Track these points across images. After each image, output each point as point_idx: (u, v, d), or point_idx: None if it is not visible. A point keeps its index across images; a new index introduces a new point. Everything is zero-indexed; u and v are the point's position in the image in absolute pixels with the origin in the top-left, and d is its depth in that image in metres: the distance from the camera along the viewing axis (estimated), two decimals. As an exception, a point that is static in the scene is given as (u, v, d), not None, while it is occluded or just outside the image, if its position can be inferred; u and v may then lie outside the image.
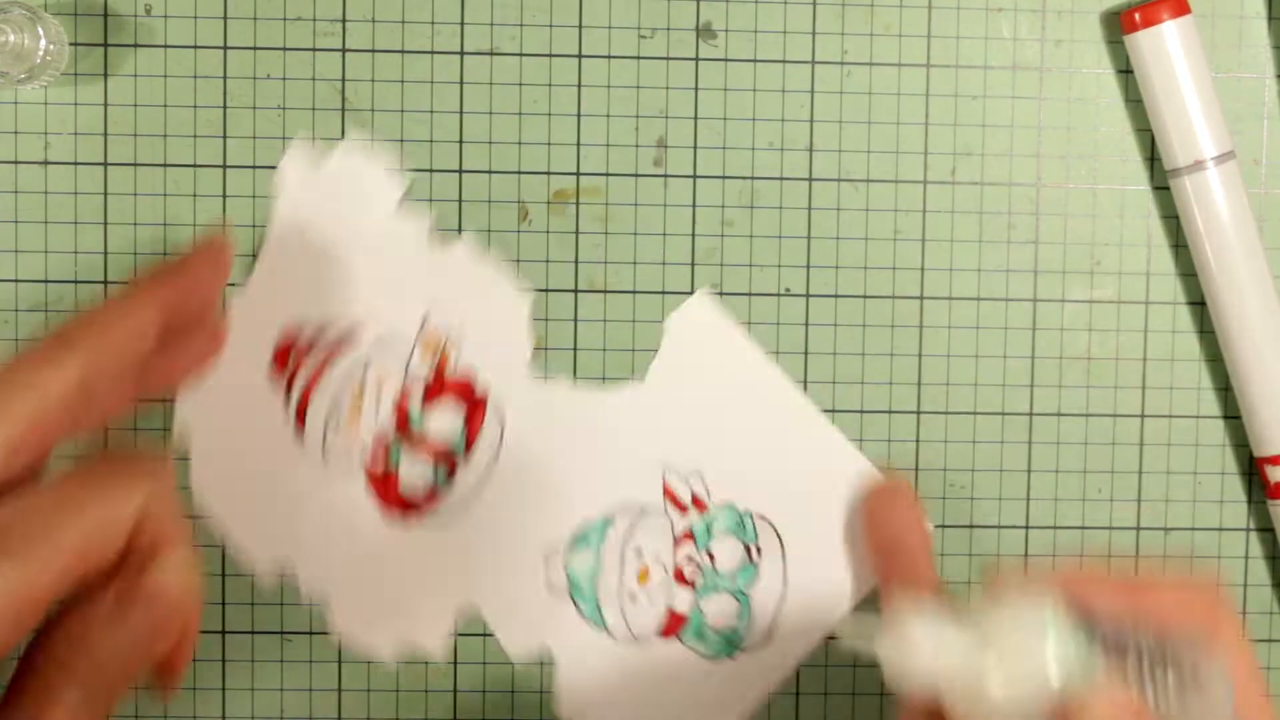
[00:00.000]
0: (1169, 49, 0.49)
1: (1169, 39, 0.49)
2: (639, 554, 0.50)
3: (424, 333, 0.50)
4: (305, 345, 0.49)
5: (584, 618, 0.51)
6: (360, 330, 0.50)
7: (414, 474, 0.50)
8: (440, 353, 0.50)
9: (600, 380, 0.51)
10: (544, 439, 0.50)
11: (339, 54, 0.50)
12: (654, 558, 0.51)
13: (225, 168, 0.50)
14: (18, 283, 0.50)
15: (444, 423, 0.50)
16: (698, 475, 0.51)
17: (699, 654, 0.51)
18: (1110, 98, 0.51)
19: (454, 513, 0.50)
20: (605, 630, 0.51)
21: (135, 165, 0.50)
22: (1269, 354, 0.50)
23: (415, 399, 0.50)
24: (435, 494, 0.50)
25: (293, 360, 0.49)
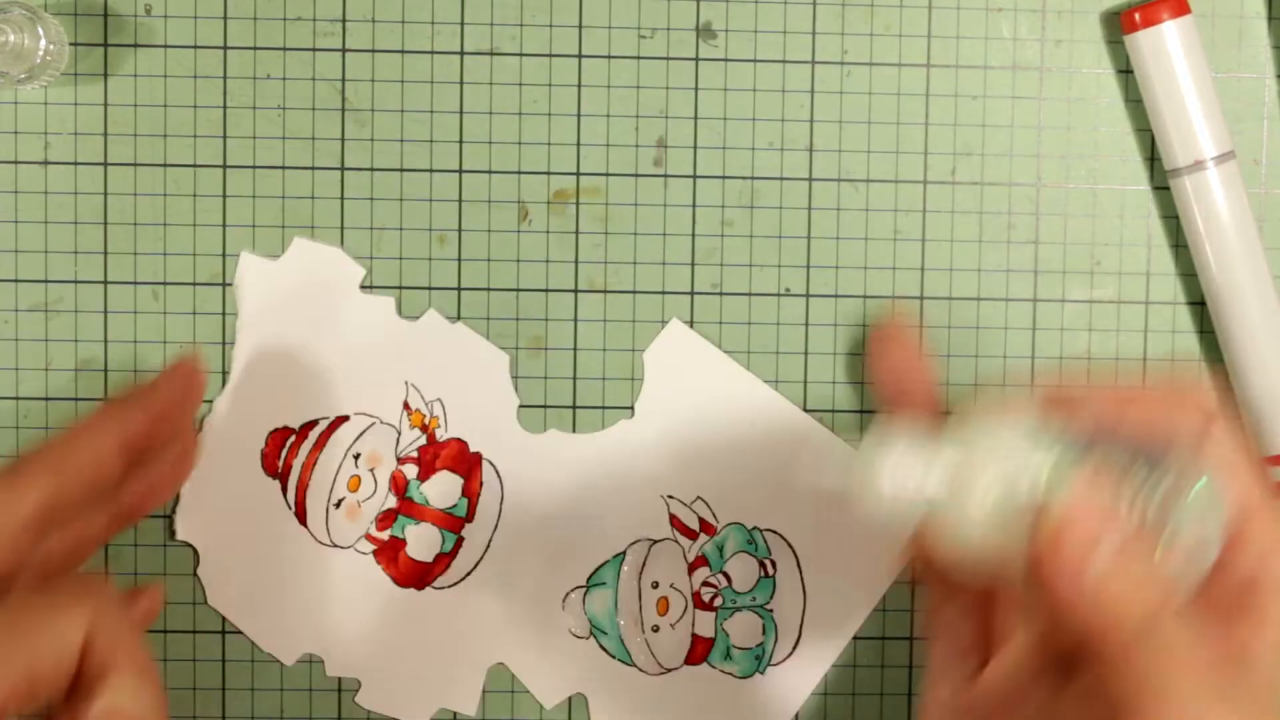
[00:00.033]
0: (1169, 49, 0.49)
1: (1169, 39, 0.49)
2: (655, 586, 0.51)
3: (408, 410, 0.50)
4: (294, 443, 0.50)
5: (611, 656, 0.51)
6: (345, 421, 0.50)
7: (421, 543, 0.50)
8: (427, 426, 0.50)
9: (600, 378, 0.51)
10: (544, 490, 0.51)
11: (339, 54, 0.50)
12: (670, 587, 0.51)
13: (225, 168, 0.50)
14: (18, 283, 0.50)
15: (443, 491, 0.50)
16: (701, 500, 0.51)
17: (729, 675, 0.51)
18: (1110, 98, 0.51)
19: (466, 575, 0.51)
20: (633, 665, 0.51)
21: (135, 165, 0.50)
22: (1269, 354, 0.50)
23: (411, 475, 0.50)
24: (445, 559, 0.50)
25: (283, 458, 0.50)
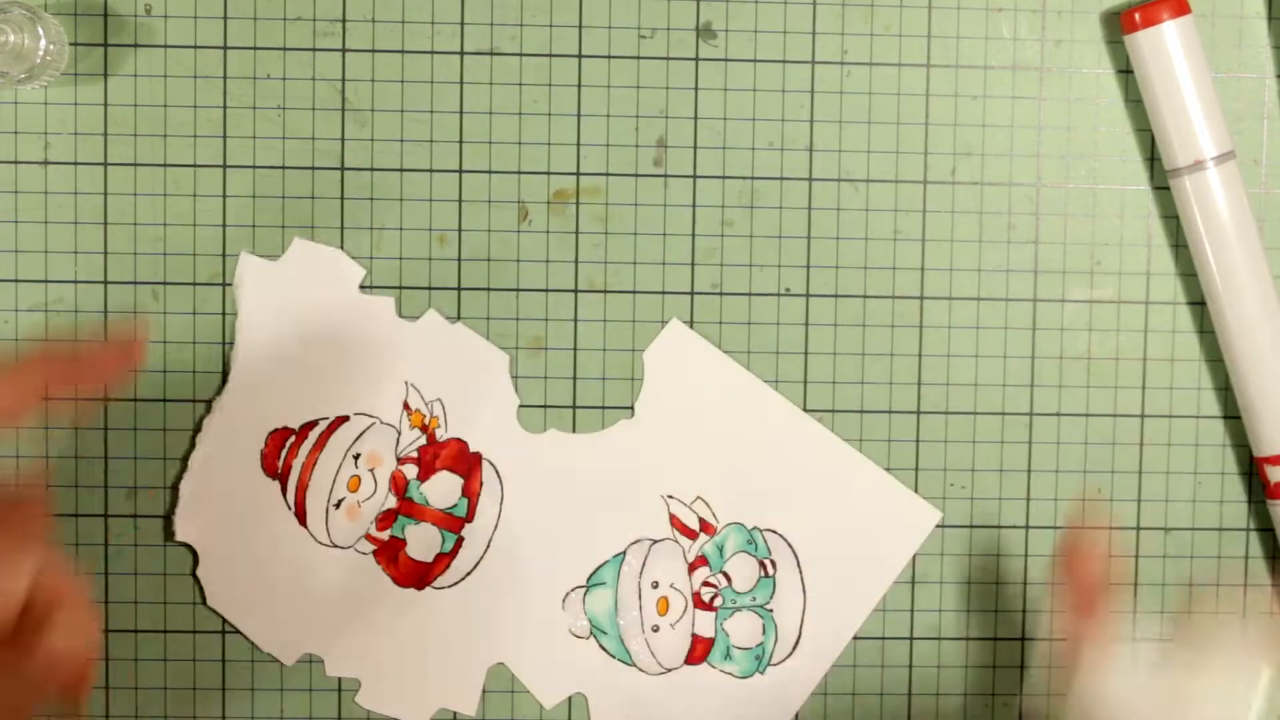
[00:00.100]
0: (1169, 49, 0.49)
1: (1169, 39, 0.49)
2: (655, 586, 0.51)
3: (408, 410, 0.50)
4: (293, 443, 0.50)
5: (611, 656, 0.51)
6: (345, 421, 0.50)
7: (421, 543, 0.50)
8: (427, 426, 0.50)
9: (600, 378, 0.51)
10: (544, 490, 0.51)
11: (339, 54, 0.50)
12: (670, 587, 0.51)
13: (225, 168, 0.50)
14: (18, 283, 0.50)
15: (443, 491, 0.50)
16: (701, 500, 0.51)
17: (729, 675, 0.51)
18: (1110, 98, 0.51)
19: (466, 575, 0.51)
20: (633, 665, 0.51)
21: (135, 165, 0.50)
22: (1269, 354, 0.50)
23: (411, 475, 0.50)
24: (445, 559, 0.50)
25: (283, 459, 0.50)
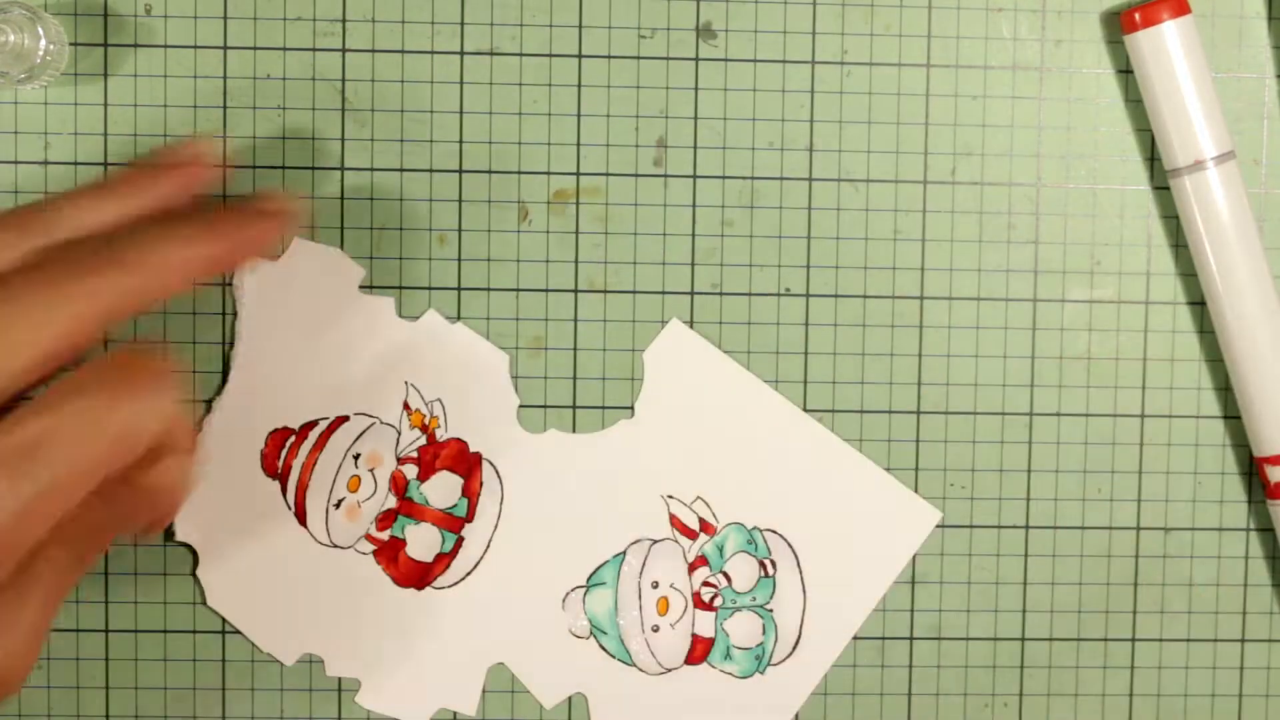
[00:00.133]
0: (1169, 49, 0.49)
1: (1169, 39, 0.49)
2: (655, 586, 0.51)
3: (408, 410, 0.50)
4: (293, 443, 0.50)
5: (611, 656, 0.51)
6: (345, 421, 0.50)
7: (421, 543, 0.50)
8: (427, 426, 0.50)
9: (600, 378, 0.51)
10: (544, 490, 0.51)
11: (339, 54, 0.50)
12: (670, 587, 0.51)
13: (225, 167, 0.50)
14: (18, 283, 0.50)
15: (443, 491, 0.50)
16: (701, 500, 0.51)
17: (729, 675, 0.51)
18: (1110, 98, 0.51)
19: (467, 575, 0.51)
20: (633, 665, 0.51)
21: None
22: (1269, 354, 0.50)
23: (411, 475, 0.50)
24: (445, 559, 0.50)
25: (283, 459, 0.50)
